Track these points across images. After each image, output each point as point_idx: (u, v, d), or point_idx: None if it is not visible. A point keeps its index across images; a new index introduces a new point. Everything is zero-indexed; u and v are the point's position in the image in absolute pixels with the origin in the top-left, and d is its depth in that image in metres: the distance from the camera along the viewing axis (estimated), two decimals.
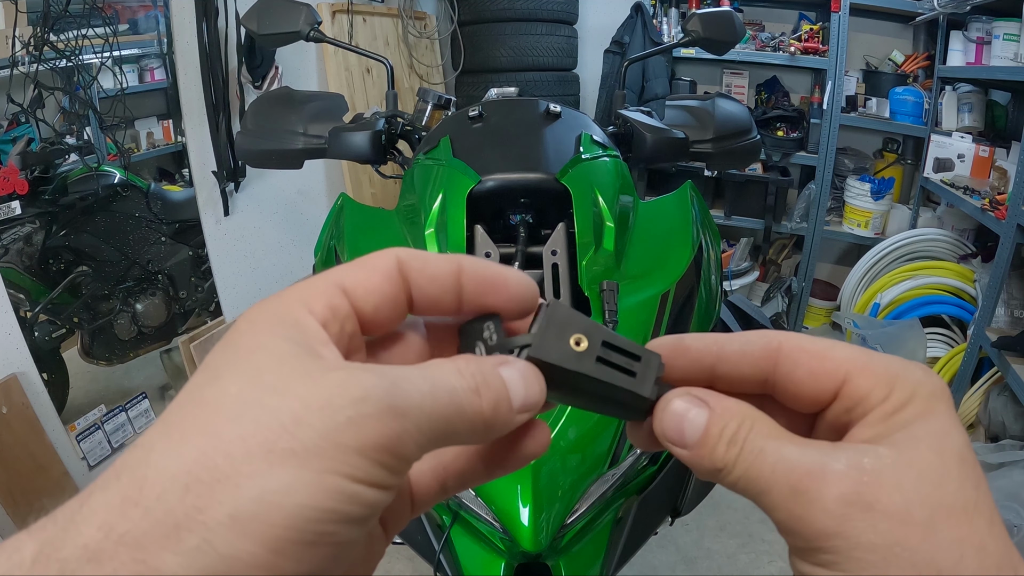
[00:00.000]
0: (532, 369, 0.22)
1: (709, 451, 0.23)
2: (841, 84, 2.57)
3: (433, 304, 0.23)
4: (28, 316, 1.50)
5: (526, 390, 0.22)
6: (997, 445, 1.68)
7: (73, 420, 1.60)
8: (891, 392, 0.22)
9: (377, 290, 0.22)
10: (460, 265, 0.23)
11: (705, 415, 0.23)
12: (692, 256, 0.79)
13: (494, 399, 0.21)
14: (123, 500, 0.17)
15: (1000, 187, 2.00)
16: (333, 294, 0.21)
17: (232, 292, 2.09)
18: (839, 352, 0.23)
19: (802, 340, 0.24)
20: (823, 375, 0.23)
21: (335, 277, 0.22)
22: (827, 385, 0.23)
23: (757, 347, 0.24)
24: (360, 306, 0.22)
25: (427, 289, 0.23)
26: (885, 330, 2.12)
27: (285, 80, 2.14)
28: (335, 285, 0.22)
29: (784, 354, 0.24)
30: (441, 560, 0.68)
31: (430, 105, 1.08)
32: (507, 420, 0.22)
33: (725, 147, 1.04)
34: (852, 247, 2.98)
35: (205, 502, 0.16)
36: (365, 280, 0.22)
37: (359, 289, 0.22)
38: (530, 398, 0.22)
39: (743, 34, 1.13)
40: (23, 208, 1.46)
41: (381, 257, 0.23)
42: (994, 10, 2.09)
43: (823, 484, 0.20)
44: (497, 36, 2.69)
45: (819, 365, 0.23)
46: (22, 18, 1.41)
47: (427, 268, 0.23)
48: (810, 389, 0.23)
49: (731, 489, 0.23)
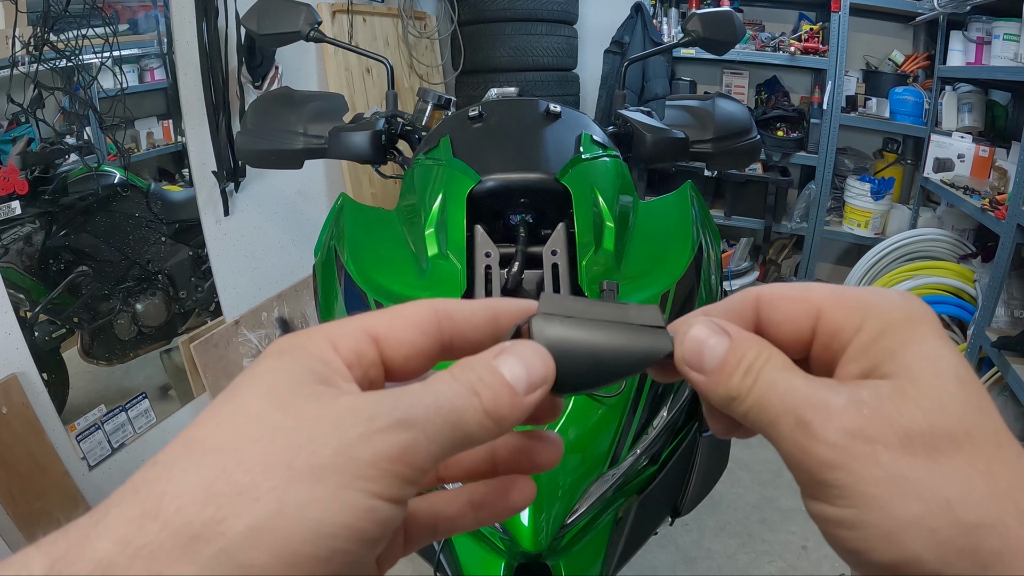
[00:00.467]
0: (530, 347, 0.23)
1: (726, 378, 0.23)
2: (841, 84, 2.57)
3: (475, 348, 0.24)
4: (28, 316, 1.50)
5: (527, 370, 0.22)
6: None
7: (73, 420, 1.60)
8: (863, 321, 0.22)
9: (409, 342, 0.23)
10: (496, 310, 0.24)
11: (726, 343, 0.23)
12: (692, 256, 0.79)
13: (493, 395, 0.21)
14: (141, 514, 0.17)
15: (1000, 187, 2.00)
16: (361, 340, 0.22)
17: (232, 292, 2.08)
18: (813, 291, 0.24)
19: (779, 287, 0.25)
20: (799, 315, 0.23)
21: (367, 323, 0.22)
22: (803, 324, 0.23)
23: (739, 302, 0.25)
24: (390, 356, 0.22)
25: (471, 337, 0.24)
26: None
27: (285, 80, 2.14)
28: (366, 332, 0.22)
29: (764, 302, 0.24)
30: (441, 560, 0.69)
31: (430, 105, 1.08)
32: (516, 405, 0.22)
33: (725, 147, 1.04)
34: (852, 247, 2.98)
35: (224, 514, 0.17)
36: (400, 331, 0.23)
37: (392, 339, 0.22)
38: (533, 376, 0.22)
39: (743, 34, 1.13)
40: (23, 208, 1.46)
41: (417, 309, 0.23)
42: (994, 10, 2.09)
43: (826, 417, 0.20)
44: (497, 36, 2.69)
45: (795, 307, 0.24)
46: (22, 18, 1.41)
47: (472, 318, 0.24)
48: (789, 331, 0.24)
49: (741, 420, 0.23)
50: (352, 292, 0.77)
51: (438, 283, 0.72)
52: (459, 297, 0.69)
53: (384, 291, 0.74)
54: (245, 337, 2.09)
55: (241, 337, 2.08)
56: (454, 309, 0.24)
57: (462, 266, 0.72)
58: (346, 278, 0.79)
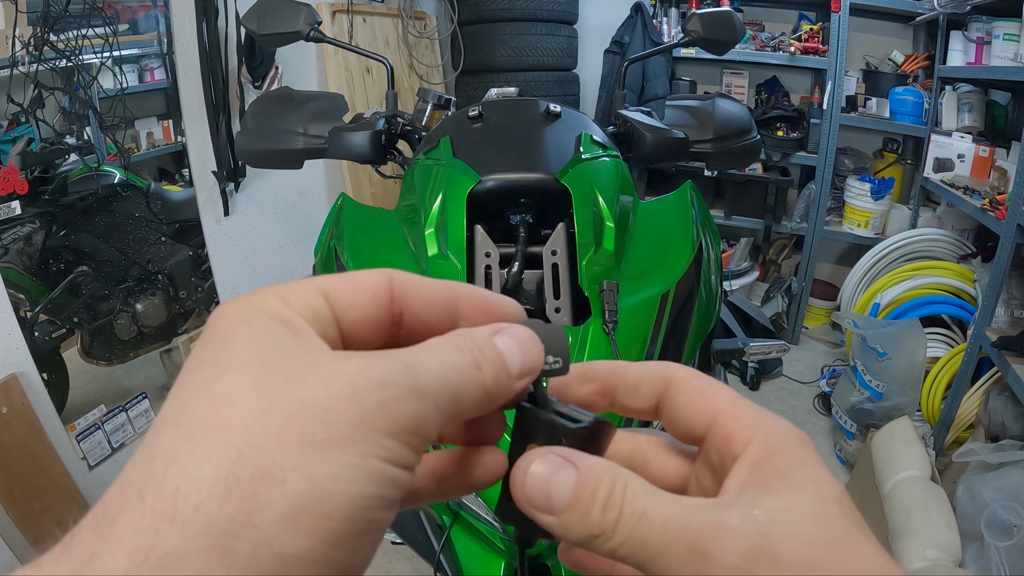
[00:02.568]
0: (528, 333, 0.23)
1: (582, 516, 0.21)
2: (841, 84, 2.57)
3: (426, 329, 0.23)
4: (28, 316, 1.50)
5: (523, 355, 0.22)
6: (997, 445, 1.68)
7: (73, 420, 1.60)
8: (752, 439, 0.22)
9: (360, 305, 0.21)
10: (456, 292, 0.23)
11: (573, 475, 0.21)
12: (692, 256, 0.79)
13: (494, 371, 0.21)
14: (155, 518, 0.15)
15: (1000, 187, 2.00)
16: (314, 296, 0.21)
17: (232, 292, 2.08)
18: (716, 393, 0.24)
19: (692, 375, 0.25)
20: (698, 411, 0.24)
21: (319, 283, 0.21)
22: (699, 421, 0.24)
23: (652, 374, 0.25)
24: (340, 318, 0.21)
25: (422, 314, 0.23)
26: (885, 330, 2.12)
27: (285, 80, 2.14)
28: (317, 290, 0.21)
29: (675, 383, 0.25)
30: (441, 560, 0.68)
31: (430, 105, 1.08)
32: (508, 387, 0.22)
33: (725, 147, 1.04)
34: (852, 247, 2.98)
35: (251, 504, 0.15)
36: (350, 293, 0.21)
37: (342, 301, 0.21)
38: (528, 363, 0.22)
39: (743, 34, 1.13)
40: (23, 208, 1.46)
41: (372, 275, 0.22)
42: (994, 10, 2.09)
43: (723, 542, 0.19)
44: (497, 36, 2.69)
45: (697, 400, 0.24)
46: (22, 18, 1.41)
47: (423, 293, 0.23)
48: (686, 420, 0.24)
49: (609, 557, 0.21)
50: None
51: None
52: None
53: None
54: None
55: None
56: (409, 282, 0.22)
57: (462, 266, 0.72)
58: None
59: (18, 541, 1.39)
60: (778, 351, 1.19)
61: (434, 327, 0.23)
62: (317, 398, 0.17)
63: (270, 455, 0.16)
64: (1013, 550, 1.38)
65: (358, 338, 0.22)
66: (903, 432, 1.89)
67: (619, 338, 0.68)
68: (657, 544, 0.20)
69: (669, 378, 0.25)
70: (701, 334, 0.79)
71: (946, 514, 1.59)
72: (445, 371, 0.20)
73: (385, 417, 0.18)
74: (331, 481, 0.16)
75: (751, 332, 2.48)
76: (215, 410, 0.17)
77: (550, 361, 0.23)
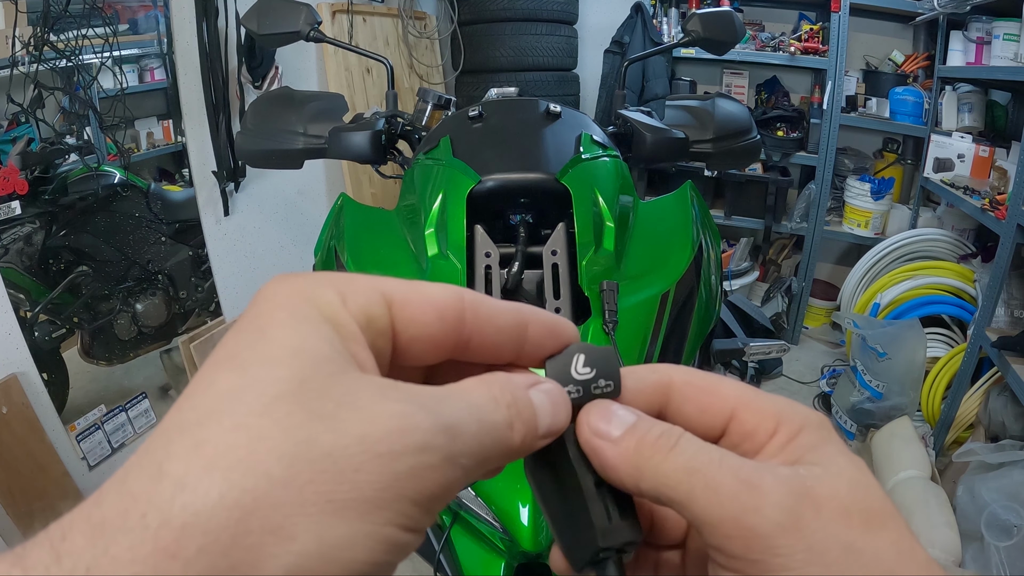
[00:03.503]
0: (561, 394, 0.22)
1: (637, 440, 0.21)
2: (841, 84, 2.57)
3: (493, 352, 0.22)
4: (28, 316, 1.50)
5: (553, 416, 0.21)
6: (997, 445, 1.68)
7: (73, 420, 1.60)
8: (778, 427, 0.22)
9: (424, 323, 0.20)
10: (526, 317, 0.22)
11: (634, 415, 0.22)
12: (692, 256, 0.79)
13: (524, 431, 0.20)
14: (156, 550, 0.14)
15: (1000, 187, 2.00)
16: (374, 301, 0.19)
17: (232, 292, 2.09)
18: (726, 388, 0.23)
19: (692, 375, 0.24)
20: (711, 411, 0.23)
21: (384, 285, 0.20)
22: (715, 421, 0.23)
23: (649, 382, 0.24)
24: (398, 330, 0.20)
25: (492, 339, 0.22)
26: (885, 330, 2.12)
27: (285, 80, 2.14)
28: (380, 294, 0.20)
29: (675, 389, 0.24)
30: (441, 560, 0.68)
31: (430, 105, 1.08)
32: (530, 447, 0.21)
33: (725, 147, 1.04)
34: (852, 247, 2.98)
35: (256, 556, 0.15)
36: (415, 307, 0.20)
37: (405, 313, 0.20)
38: (555, 424, 0.22)
39: (743, 34, 1.13)
40: (23, 208, 1.46)
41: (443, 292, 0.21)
42: (994, 10, 2.09)
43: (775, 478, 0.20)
44: (497, 36, 2.69)
45: (708, 400, 0.23)
46: (22, 18, 1.41)
47: (496, 319, 0.22)
48: (699, 424, 0.23)
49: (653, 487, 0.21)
50: None
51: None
52: None
53: None
54: None
55: None
56: (481, 303, 0.21)
57: (462, 266, 0.72)
58: None
59: (18, 541, 1.39)
60: (778, 351, 1.20)
61: (500, 352, 0.22)
62: (348, 451, 0.16)
63: (285, 509, 0.15)
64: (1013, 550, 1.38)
65: (412, 355, 0.21)
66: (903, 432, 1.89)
67: (619, 338, 0.68)
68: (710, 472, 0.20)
69: (667, 385, 0.24)
70: (701, 334, 0.79)
71: (946, 514, 1.59)
72: (482, 433, 0.19)
73: (415, 485, 0.17)
74: (341, 547, 0.16)
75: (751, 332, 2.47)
76: (237, 440, 0.16)
77: (602, 385, 0.23)
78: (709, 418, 0.23)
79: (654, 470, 0.21)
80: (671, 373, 0.24)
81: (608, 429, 0.22)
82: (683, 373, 0.24)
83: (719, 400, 0.23)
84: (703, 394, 0.23)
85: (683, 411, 0.23)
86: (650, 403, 0.24)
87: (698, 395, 0.23)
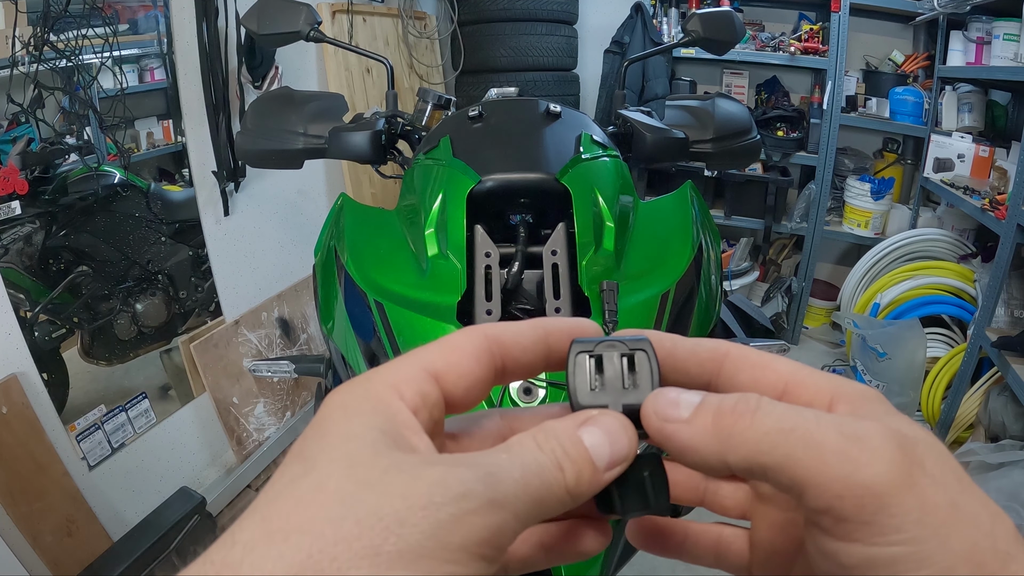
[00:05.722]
0: (620, 422, 0.22)
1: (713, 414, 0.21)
2: (841, 84, 2.57)
3: (526, 371, 0.24)
4: (28, 316, 1.50)
5: (611, 447, 0.22)
6: (997, 445, 1.68)
7: (73, 420, 1.60)
8: (833, 400, 0.22)
9: (468, 373, 0.22)
10: (546, 329, 0.24)
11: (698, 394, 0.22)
12: (692, 256, 0.79)
13: (576, 471, 0.21)
14: None
15: (1000, 187, 2.00)
16: (424, 381, 0.22)
17: (232, 292, 2.08)
18: (781, 365, 0.23)
19: (748, 351, 0.24)
20: (764, 384, 0.23)
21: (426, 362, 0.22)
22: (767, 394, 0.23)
23: (706, 349, 0.24)
24: (450, 391, 0.22)
25: (522, 359, 0.24)
26: (885, 330, 2.12)
27: (285, 80, 2.14)
28: (426, 371, 0.22)
29: (730, 360, 0.24)
30: None
31: (430, 105, 1.08)
32: (594, 484, 0.21)
33: (725, 147, 1.04)
34: (852, 247, 2.98)
35: None
36: (457, 364, 0.22)
37: (451, 374, 0.22)
38: (616, 455, 0.22)
39: (743, 34, 1.13)
40: (23, 208, 1.46)
41: (469, 338, 0.23)
42: (994, 10, 2.09)
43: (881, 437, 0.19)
44: (497, 36, 2.69)
45: (761, 374, 0.23)
46: (22, 18, 1.41)
47: (520, 341, 0.24)
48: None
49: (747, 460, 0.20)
50: (352, 292, 0.77)
51: (438, 283, 0.72)
52: (459, 297, 0.70)
53: (384, 291, 0.74)
54: (245, 337, 2.09)
55: (241, 337, 2.08)
56: (503, 333, 0.23)
57: (462, 266, 0.72)
58: (346, 278, 0.79)
59: (18, 541, 1.39)
60: (778, 351, 1.19)
61: (534, 366, 0.24)
62: (392, 507, 0.18)
63: (337, 563, 0.17)
64: None
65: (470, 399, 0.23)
66: None
67: None
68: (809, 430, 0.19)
69: (724, 355, 0.24)
70: (701, 334, 0.79)
71: None
72: (527, 477, 0.20)
73: (460, 531, 0.18)
74: None
75: (751, 332, 2.48)
76: (295, 510, 0.18)
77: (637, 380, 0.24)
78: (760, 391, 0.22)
79: (740, 439, 0.20)
80: (729, 347, 0.24)
81: (677, 413, 0.22)
82: (740, 348, 0.24)
83: (773, 375, 0.23)
84: (757, 369, 0.23)
85: (735, 381, 0.23)
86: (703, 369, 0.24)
87: (753, 370, 0.23)
